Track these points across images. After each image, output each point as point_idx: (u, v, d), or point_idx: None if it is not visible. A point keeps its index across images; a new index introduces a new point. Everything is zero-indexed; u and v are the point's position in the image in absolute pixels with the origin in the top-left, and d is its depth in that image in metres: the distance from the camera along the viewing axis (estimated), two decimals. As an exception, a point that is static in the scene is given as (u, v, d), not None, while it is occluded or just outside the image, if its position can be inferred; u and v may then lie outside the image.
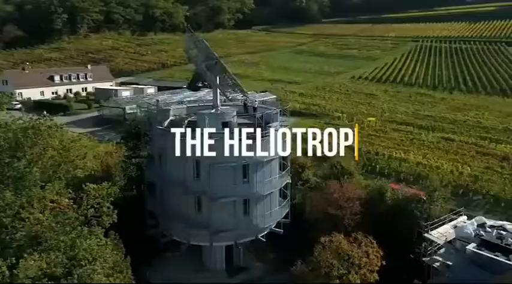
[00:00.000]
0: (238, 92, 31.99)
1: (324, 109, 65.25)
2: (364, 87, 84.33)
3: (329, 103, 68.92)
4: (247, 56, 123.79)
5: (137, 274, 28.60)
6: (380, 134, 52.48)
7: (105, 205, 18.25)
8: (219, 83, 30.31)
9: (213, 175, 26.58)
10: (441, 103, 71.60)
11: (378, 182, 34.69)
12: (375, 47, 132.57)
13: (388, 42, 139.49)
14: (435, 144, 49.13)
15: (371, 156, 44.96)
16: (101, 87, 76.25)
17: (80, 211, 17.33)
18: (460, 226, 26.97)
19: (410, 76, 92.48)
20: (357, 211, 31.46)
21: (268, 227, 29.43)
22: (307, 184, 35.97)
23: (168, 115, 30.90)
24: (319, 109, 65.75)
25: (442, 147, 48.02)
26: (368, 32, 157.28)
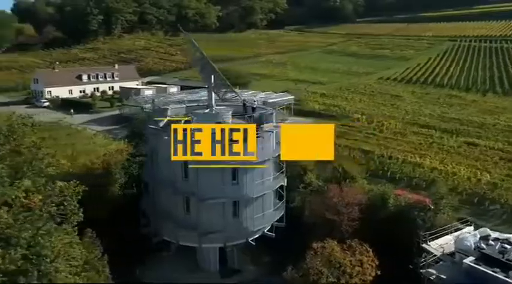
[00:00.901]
0: (232, 93, 31.48)
1: (343, 111, 63.51)
2: (390, 88, 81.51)
3: (350, 105, 67.02)
4: (276, 56, 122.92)
5: (129, 272, 29.02)
6: (398, 137, 50.36)
7: (72, 204, 18.26)
8: (213, 83, 29.94)
9: (201, 176, 26.29)
10: (471, 105, 67.86)
11: (381, 187, 33.12)
12: (409, 47, 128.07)
13: (423, 42, 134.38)
14: (456, 148, 46.52)
15: (384, 159, 43.16)
16: (125, 86, 77.96)
17: (44, 208, 17.44)
18: (460, 238, 25.24)
19: (442, 78, 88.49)
20: (356, 217, 30.37)
21: (259, 230, 28.80)
22: (310, 187, 35.03)
23: (166, 115, 30.91)
24: (338, 110, 64.07)
25: (462, 152, 45.40)
26: (403, 32, 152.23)
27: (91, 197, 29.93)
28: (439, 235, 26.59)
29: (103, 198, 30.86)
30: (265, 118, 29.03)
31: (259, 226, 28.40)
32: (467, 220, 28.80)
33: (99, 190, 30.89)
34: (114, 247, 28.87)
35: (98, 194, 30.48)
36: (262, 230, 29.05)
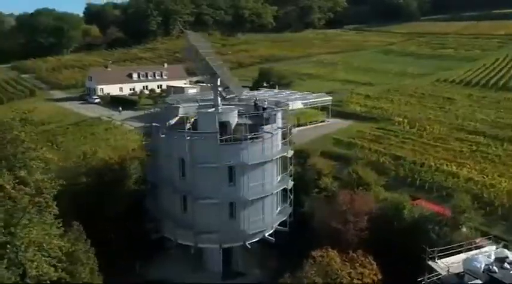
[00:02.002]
0: (237, 92, 30.89)
1: (385, 113, 60.24)
2: (445, 91, 75.93)
3: (394, 107, 63.42)
4: (329, 55, 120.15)
5: (130, 268, 29.55)
6: (438, 143, 46.63)
7: (46, 197, 18.80)
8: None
9: (197, 175, 26.07)
10: (535, 112, 61.23)
11: (397, 196, 30.73)
12: (476, 47, 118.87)
13: (494, 41, 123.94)
14: (502, 158, 42.10)
15: (415, 166, 40.15)
16: (172, 84, 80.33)
17: (17, 200, 18.11)
18: (470, 258, 22.63)
19: (508, 80, 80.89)
20: (364, 227, 28.46)
21: (258, 233, 27.94)
22: (324, 192, 33.50)
23: (177, 113, 31.12)
24: (380, 112, 60.90)
25: (509, 162, 40.96)
26: (472, 30, 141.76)
27: (107, 192, 31.24)
28: (453, 252, 24.14)
29: (117, 193, 31.70)
30: (269, 119, 28.13)
31: (257, 230, 27.55)
32: (498, 239, 25.96)
33: (115, 185, 31.89)
34: (121, 242, 29.83)
35: (113, 189, 31.51)
36: (262, 234, 28.16)
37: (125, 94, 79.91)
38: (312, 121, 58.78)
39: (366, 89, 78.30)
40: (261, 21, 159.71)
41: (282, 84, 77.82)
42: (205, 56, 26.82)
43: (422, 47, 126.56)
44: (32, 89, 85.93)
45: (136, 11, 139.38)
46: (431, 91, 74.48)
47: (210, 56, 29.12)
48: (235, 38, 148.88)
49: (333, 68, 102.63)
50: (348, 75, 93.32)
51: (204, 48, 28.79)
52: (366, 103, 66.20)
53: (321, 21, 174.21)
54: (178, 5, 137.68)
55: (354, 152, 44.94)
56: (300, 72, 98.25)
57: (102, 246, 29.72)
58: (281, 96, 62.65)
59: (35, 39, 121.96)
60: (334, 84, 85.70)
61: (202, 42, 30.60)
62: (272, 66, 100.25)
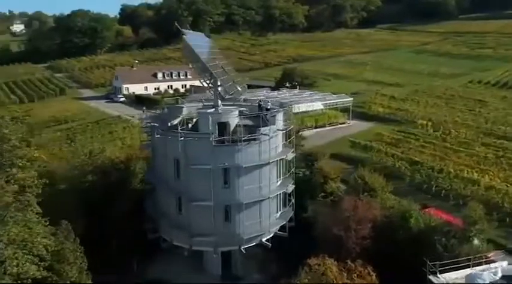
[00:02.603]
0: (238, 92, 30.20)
1: (410, 116, 57.80)
2: (477, 92, 72.20)
3: (420, 109, 60.76)
4: (359, 55, 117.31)
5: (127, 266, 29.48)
6: (462, 148, 44.06)
7: (26, 195, 18.87)
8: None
9: (191, 177, 25.61)
10: None
11: (405, 204, 29.07)
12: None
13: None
14: (530, 165, 39.24)
15: (432, 172, 38.04)
16: (195, 84, 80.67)
17: (0, 198, 18.24)
18: (473, 274, 20.98)
19: (550, 82, 76.05)
20: (366, 235, 27.06)
21: (255, 238, 27.10)
22: (331, 197, 32.27)
23: (180, 113, 30.81)
24: (404, 115, 58.51)
25: (538, 170, 38.11)
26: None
27: (112, 190, 31.40)
28: (460, 266, 22.51)
29: (123, 192, 31.80)
30: (268, 120, 27.25)
31: (253, 234, 26.70)
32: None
33: (120, 184, 32.00)
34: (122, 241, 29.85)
35: (118, 188, 31.63)
36: (259, 239, 27.30)
37: (149, 93, 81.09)
38: (332, 122, 57.29)
39: (393, 90, 75.66)
40: (291, 20, 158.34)
41: (305, 84, 76.50)
42: (201, 55, 26.26)
43: (459, 47, 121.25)
44: (62, 88, 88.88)
45: (168, 11, 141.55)
46: (462, 93, 70.99)
47: (212, 56, 28.61)
48: (265, 38, 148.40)
49: (362, 68, 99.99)
50: (376, 76, 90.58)
51: (205, 48, 28.28)
52: (390, 104, 63.81)
53: (354, 20, 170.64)
54: (209, 5, 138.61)
55: (370, 156, 43.28)
56: (326, 72, 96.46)
57: (103, 245, 30.22)
58: (300, 96, 61.52)
59: (70, 39, 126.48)
60: (360, 84, 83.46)
61: (204, 41, 30.08)
62: (299, 66, 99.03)
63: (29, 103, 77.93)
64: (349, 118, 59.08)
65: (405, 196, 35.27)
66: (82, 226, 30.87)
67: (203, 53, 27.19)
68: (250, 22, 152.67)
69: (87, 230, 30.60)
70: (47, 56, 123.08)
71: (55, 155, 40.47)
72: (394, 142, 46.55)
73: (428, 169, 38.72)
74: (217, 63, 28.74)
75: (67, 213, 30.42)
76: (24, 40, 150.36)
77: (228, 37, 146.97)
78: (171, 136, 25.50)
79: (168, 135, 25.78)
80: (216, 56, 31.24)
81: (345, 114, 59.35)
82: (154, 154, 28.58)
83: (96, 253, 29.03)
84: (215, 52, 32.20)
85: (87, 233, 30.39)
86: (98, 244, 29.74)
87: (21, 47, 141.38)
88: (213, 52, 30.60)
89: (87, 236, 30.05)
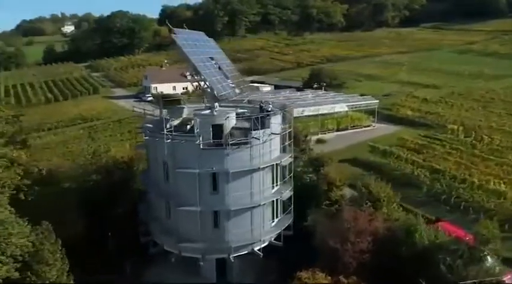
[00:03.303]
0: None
1: (440, 120, 54.20)
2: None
3: (453, 113, 56.85)
4: (396, 55, 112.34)
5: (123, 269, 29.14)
6: (492, 156, 40.46)
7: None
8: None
9: (178, 181, 24.76)
10: None
11: (412, 216, 26.73)
12: None
13: None
14: None
15: (454, 182, 35.10)
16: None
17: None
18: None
19: None
20: (365, 249, 25.13)
21: (246, 246, 25.82)
22: (335, 205, 30.37)
23: (181, 115, 30.16)
24: (434, 118, 54.94)
25: None
26: None
27: (114, 190, 31.28)
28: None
29: (124, 192, 31.61)
30: (261, 123, 25.89)
31: (244, 242, 25.42)
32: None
33: (122, 184, 31.84)
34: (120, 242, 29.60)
35: (120, 188, 31.48)
36: (251, 248, 25.96)
37: (177, 92, 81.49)
38: (356, 125, 54.81)
39: (427, 92, 71.52)
40: (329, 20, 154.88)
41: (334, 85, 74.02)
42: (191, 55, 25.32)
43: (508, 46, 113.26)
44: (96, 87, 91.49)
45: (205, 12, 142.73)
46: (504, 96, 65.79)
47: (207, 55, 27.61)
48: (301, 38, 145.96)
49: (397, 69, 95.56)
50: (412, 77, 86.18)
51: (200, 47, 27.31)
52: (421, 107, 60.18)
53: (395, 19, 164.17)
54: (244, 5, 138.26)
55: (388, 162, 40.74)
56: (360, 72, 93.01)
57: (102, 245, 30.11)
58: (324, 97, 59.37)
59: (109, 39, 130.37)
60: (394, 86, 79.64)
61: (201, 41, 29.08)
62: (332, 66, 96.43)
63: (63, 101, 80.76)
64: (374, 121, 56.32)
65: (420, 207, 32.90)
66: (82, 226, 31.12)
67: (195, 53, 26.26)
68: (287, 22, 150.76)
69: (88, 230, 30.77)
70: (87, 55, 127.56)
71: (67, 153, 41.37)
72: (417, 148, 43.57)
73: (450, 178, 35.80)
74: (212, 63, 27.73)
75: (68, 212, 30.80)
76: (68, 40, 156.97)
77: (263, 37, 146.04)
78: (158, 138, 24.77)
79: (156, 136, 25.07)
80: (219, 55, 30.32)
81: (371, 117, 56.68)
82: (148, 156, 28.01)
83: (95, 253, 29.21)
84: (217, 52, 31.20)
85: (87, 233, 30.58)
86: (96, 243, 29.78)
87: (65, 47, 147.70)
88: (210, 52, 29.57)
89: (88, 236, 30.31)
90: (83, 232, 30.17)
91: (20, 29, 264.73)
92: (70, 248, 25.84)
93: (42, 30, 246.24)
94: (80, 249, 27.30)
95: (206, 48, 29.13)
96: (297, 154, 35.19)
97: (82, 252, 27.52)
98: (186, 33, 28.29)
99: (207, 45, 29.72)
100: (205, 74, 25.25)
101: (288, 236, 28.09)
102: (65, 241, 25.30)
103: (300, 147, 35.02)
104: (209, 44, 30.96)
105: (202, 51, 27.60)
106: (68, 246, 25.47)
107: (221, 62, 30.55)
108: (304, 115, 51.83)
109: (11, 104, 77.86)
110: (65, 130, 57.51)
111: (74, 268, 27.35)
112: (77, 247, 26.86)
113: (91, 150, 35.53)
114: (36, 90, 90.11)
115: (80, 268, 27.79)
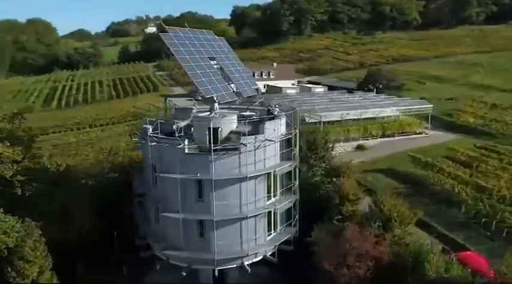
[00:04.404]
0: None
1: (507, 129, 47.39)
2: None
3: (524, 122, 49.49)
4: (475, 55, 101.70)
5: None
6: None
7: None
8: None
9: (165, 186, 23.63)
10: None
11: (426, 242, 22.90)
12: None
13: None
14: None
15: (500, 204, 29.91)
16: (271, 84, 78.82)
17: None
18: None
19: None
20: (362, 275, 22.08)
21: (234, 260, 23.94)
22: (347, 222, 27.31)
23: (188, 116, 29.18)
24: (500, 127, 48.17)
25: None
26: None
27: (126, 190, 31.26)
28: None
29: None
30: (254, 128, 23.78)
31: (231, 255, 23.51)
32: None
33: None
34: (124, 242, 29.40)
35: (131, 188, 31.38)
36: (240, 262, 23.97)
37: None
38: (405, 132, 49.98)
39: (501, 96, 63.45)
40: (404, 17, 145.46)
41: (391, 87, 68.61)
42: (178, 54, 23.93)
43: None
44: (156, 85, 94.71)
45: (272, 11, 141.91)
46: None
47: (201, 55, 26.09)
48: (371, 37, 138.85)
49: (472, 70, 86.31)
50: (487, 79, 77.20)
51: (194, 47, 25.84)
52: (487, 114, 53.22)
53: (480, 15, 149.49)
54: (312, 4, 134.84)
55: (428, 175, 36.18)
56: (427, 73, 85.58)
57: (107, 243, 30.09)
58: (371, 100, 54.96)
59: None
60: (462, 89, 72.04)
61: (200, 39, 27.46)
62: (397, 66, 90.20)
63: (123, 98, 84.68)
64: (428, 127, 50.93)
65: (454, 230, 28.65)
66: (91, 223, 31.28)
67: (187, 52, 24.80)
68: (356, 20, 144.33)
69: (96, 228, 30.91)
70: (157, 55, 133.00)
71: (101, 150, 42.36)
72: (467, 160, 38.13)
73: (497, 199, 30.62)
74: (211, 63, 26.20)
75: (77, 209, 31.15)
76: (141, 41, 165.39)
77: (330, 36, 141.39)
78: (145, 140, 23.84)
79: (145, 138, 24.14)
80: (225, 56, 28.72)
81: (424, 123, 51.38)
82: (143, 158, 27.31)
83: (100, 251, 29.25)
84: (222, 51, 29.53)
85: (97, 231, 30.71)
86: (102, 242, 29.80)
87: (138, 48, 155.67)
88: (211, 51, 27.88)
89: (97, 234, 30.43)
90: (91, 229, 30.39)
91: (109, 30, 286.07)
92: (76, 245, 26.29)
93: (128, 32, 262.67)
94: (86, 247, 27.44)
95: (206, 47, 27.58)
96: (315, 162, 32.57)
97: (87, 249, 27.64)
98: (184, 32, 26.90)
99: (208, 45, 28.08)
100: (192, 74, 23.71)
101: (297, 251, 25.80)
102: (70, 237, 25.79)
103: (319, 154, 32.19)
104: (213, 43, 29.29)
105: (198, 51, 26.10)
106: (74, 243, 25.93)
107: (227, 62, 28.86)
108: (348, 118, 48.37)
109: (77, 101, 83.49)
110: (112, 127, 59.75)
111: (77, 264, 28.08)
112: (83, 244, 27.14)
113: (108, 148, 35.87)
114: (103, 87, 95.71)
115: (83, 265, 28.26)
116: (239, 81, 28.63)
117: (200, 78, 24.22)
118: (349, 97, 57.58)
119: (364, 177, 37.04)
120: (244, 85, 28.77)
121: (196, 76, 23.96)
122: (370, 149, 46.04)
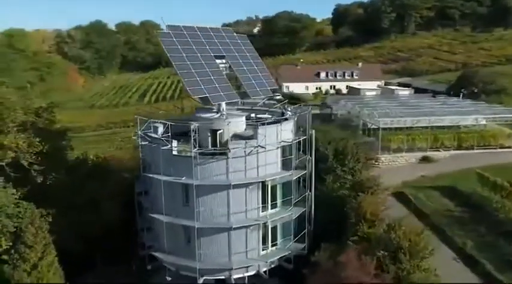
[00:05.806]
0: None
1: None
2: None
3: None
4: None
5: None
6: None
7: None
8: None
9: (155, 188, 23.09)
10: None
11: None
12: None
13: None
14: None
15: None
16: (352, 85, 74.04)
17: None
18: None
19: None
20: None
21: (221, 272, 22.36)
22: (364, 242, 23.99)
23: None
24: None
25: None
26: None
27: None
28: None
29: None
30: (247, 134, 21.76)
31: (217, 266, 21.85)
32: None
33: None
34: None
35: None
36: (228, 274, 22.17)
37: (309, 92, 78.76)
38: (488, 144, 42.52)
39: None
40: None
41: (488, 92, 59.21)
42: (170, 53, 22.79)
43: None
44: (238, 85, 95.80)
45: (373, 9, 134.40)
46: None
47: (200, 53, 24.64)
48: (489, 34, 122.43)
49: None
50: None
51: (195, 45, 24.44)
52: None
53: None
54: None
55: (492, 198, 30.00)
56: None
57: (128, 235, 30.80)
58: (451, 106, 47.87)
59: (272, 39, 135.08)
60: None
61: (202, 38, 25.68)
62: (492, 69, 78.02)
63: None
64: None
65: (504, 271, 23.38)
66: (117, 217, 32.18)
67: (184, 50, 23.55)
68: (471, 15, 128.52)
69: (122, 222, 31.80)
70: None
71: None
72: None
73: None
74: (214, 62, 24.72)
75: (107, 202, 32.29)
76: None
77: (438, 34, 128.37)
78: (139, 139, 23.51)
79: (142, 138, 23.81)
80: (241, 53, 27.00)
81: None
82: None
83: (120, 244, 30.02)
84: (239, 50, 27.67)
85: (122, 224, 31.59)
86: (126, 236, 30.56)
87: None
88: (217, 50, 26.05)
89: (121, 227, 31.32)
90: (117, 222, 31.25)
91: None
92: (101, 235, 27.40)
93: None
94: (109, 238, 28.38)
95: (216, 45, 25.96)
96: (342, 173, 29.14)
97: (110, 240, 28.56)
98: (190, 30, 25.44)
99: (219, 43, 26.33)
100: (183, 74, 22.49)
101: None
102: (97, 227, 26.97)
103: (348, 165, 28.69)
104: (228, 41, 27.38)
105: (202, 49, 24.67)
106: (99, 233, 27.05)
107: (240, 61, 27.02)
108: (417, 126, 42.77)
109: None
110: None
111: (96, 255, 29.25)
112: (107, 235, 28.16)
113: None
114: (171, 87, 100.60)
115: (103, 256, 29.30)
116: (250, 81, 26.74)
117: (193, 77, 22.93)
118: (426, 102, 50.98)
119: (415, 194, 32.29)
120: (256, 85, 26.78)
121: (187, 75, 22.73)
122: (438, 162, 40.07)
